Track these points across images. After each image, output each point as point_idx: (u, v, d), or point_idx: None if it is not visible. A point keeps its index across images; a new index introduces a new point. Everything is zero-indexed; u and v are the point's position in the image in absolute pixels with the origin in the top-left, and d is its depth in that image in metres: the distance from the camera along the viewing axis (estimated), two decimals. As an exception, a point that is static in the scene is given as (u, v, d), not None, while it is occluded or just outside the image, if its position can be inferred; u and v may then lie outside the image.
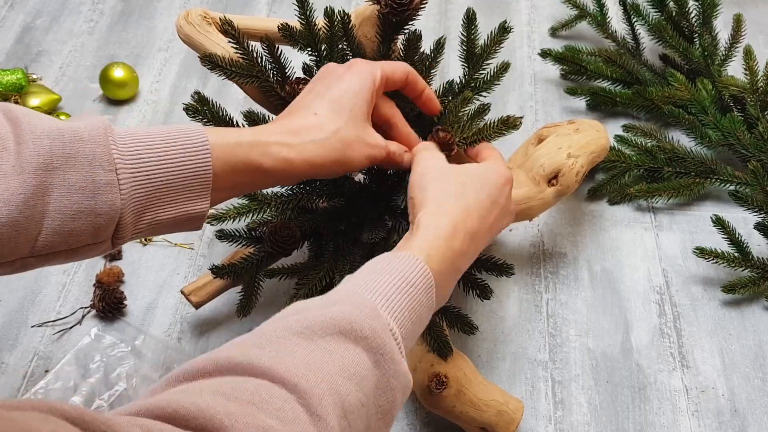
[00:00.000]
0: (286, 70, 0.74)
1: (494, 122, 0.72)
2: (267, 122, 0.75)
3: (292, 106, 0.66)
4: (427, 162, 0.66)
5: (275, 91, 0.73)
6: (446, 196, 0.62)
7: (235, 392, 0.42)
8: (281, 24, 0.75)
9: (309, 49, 0.76)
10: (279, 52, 0.73)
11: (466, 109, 0.74)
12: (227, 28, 0.72)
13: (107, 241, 0.57)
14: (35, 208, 0.52)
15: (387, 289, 0.53)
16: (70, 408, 0.34)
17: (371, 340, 0.49)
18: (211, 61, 0.71)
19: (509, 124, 0.72)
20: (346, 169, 0.65)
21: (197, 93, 0.75)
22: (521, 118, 0.72)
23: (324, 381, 0.45)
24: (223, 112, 0.75)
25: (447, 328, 0.74)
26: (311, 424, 0.43)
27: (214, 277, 0.78)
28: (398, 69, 0.69)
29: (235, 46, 0.72)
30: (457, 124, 0.73)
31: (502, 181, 0.66)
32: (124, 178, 0.55)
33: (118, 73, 1.04)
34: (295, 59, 0.76)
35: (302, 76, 0.76)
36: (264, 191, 0.76)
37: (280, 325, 0.49)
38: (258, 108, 0.77)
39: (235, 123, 0.76)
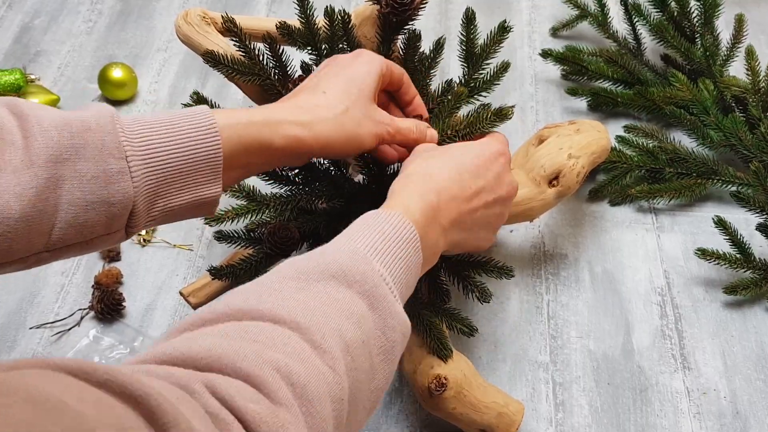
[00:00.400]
0: (288, 69, 0.74)
1: (487, 113, 0.71)
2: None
3: (300, 87, 0.66)
4: (418, 148, 0.67)
5: (276, 90, 0.73)
6: (426, 162, 0.63)
7: (239, 333, 0.43)
8: (279, 22, 0.74)
9: (309, 47, 0.75)
10: (281, 50, 0.73)
11: (459, 105, 0.74)
12: (230, 26, 0.72)
13: (121, 231, 0.56)
14: (48, 202, 0.52)
15: (373, 240, 0.54)
16: (69, 361, 0.33)
17: (363, 284, 0.50)
18: (213, 59, 0.71)
19: (502, 115, 0.71)
20: (355, 148, 0.64)
21: (196, 93, 0.75)
22: (512, 107, 0.71)
23: (324, 319, 0.46)
24: (222, 112, 0.74)
25: (446, 329, 0.73)
26: (317, 357, 0.44)
27: (213, 279, 0.78)
28: (397, 69, 0.70)
29: (237, 43, 0.72)
30: (449, 119, 0.73)
31: (494, 151, 0.65)
32: (135, 164, 0.54)
33: (116, 74, 1.03)
34: (296, 59, 0.76)
35: (303, 74, 0.75)
36: (263, 192, 0.76)
37: (276, 275, 0.50)
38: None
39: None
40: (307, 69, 0.76)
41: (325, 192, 0.75)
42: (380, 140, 0.66)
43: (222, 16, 0.74)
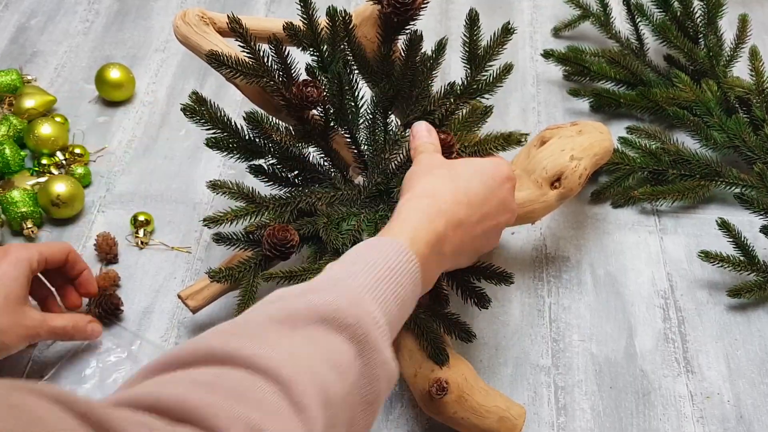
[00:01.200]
0: (292, 71, 0.73)
1: (496, 136, 0.70)
2: (269, 124, 0.74)
3: None
4: (423, 160, 0.65)
5: (280, 92, 0.72)
6: (434, 183, 0.61)
7: (215, 383, 0.41)
8: (286, 23, 0.74)
9: (312, 49, 0.75)
10: (286, 52, 0.72)
11: (473, 118, 0.73)
12: (235, 26, 0.71)
13: None
14: None
15: (371, 275, 0.52)
16: (46, 387, 0.34)
17: (354, 329, 0.48)
18: (216, 59, 0.70)
19: (511, 140, 0.69)
20: (2, 352, 0.68)
21: (195, 93, 0.74)
22: (526, 135, 0.69)
23: (307, 371, 0.44)
24: (221, 113, 0.74)
25: (445, 334, 0.72)
26: (294, 415, 0.42)
27: (212, 281, 0.77)
28: (57, 250, 0.73)
29: (242, 44, 0.71)
30: (461, 131, 0.72)
31: (502, 175, 0.64)
32: None
33: (114, 74, 1.03)
34: (300, 61, 0.75)
35: (308, 78, 0.74)
36: (262, 194, 0.75)
37: (263, 312, 0.48)
38: (259, 110, 0.76)
39: (233, 124, 0.75)
40: (311, 71, 0.75)
41: (325, 194, 0.74)
42: (33, 340, 0.71)
43: (228, 16, 0.73)
